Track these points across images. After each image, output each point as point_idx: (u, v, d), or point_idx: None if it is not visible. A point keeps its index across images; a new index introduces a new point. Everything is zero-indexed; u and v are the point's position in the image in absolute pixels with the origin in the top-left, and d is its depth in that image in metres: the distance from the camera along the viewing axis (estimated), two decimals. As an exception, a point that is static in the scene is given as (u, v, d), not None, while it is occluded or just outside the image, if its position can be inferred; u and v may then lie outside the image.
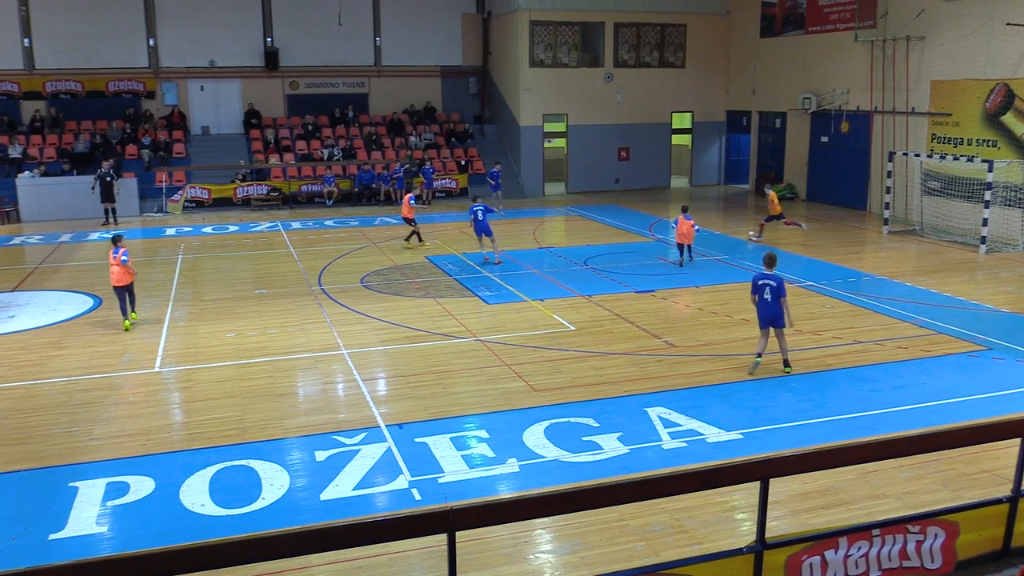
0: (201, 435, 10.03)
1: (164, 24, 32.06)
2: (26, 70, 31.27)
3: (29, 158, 29.62)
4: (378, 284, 17.71)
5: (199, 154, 31.70)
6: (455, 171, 32.35)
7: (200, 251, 21.99)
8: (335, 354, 13.01)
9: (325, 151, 31.92)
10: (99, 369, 12.51)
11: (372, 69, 34.33)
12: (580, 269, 19.05)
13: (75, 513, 8.17)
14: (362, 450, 9.46)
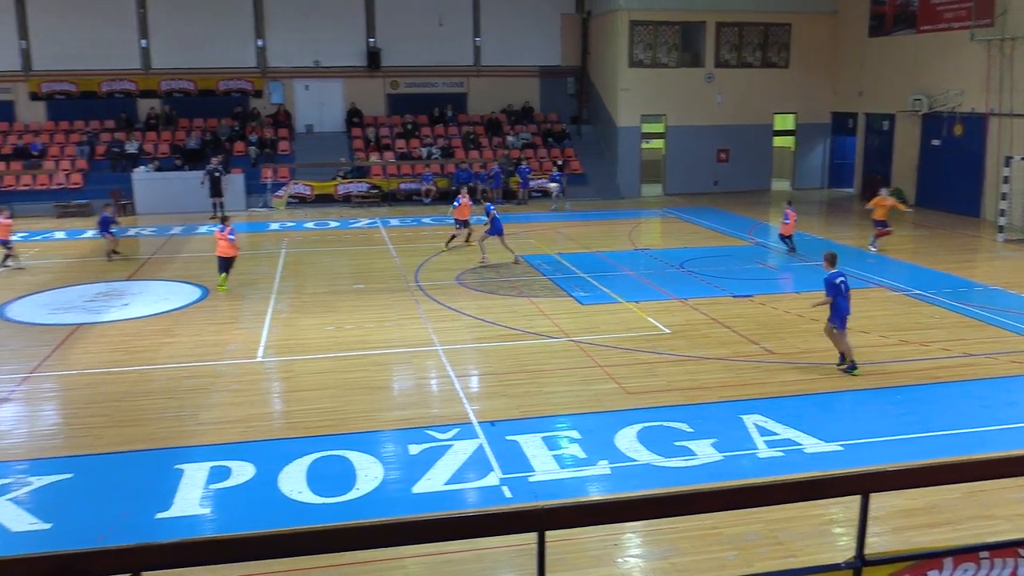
0: (299, 424, 10.32)
1: (272, 26, 33.10)
2: (143, 70, 32.73)
3: (144, 154, 31.00)
4: (473, 282, 17.87)
5: (303, 152, 32.60)
6: (551, 171, 32.37)
7: (302, 246, 22.62)
8: (430, 350, 13.19)
9: (424, 150, 32.40)
10: (205, 357, 13.00)
11: (471, 69, 34.65)
12: (676, 272, 18.82)
13: (180, 494, 8.52)
14: (454, 446, 9.56)
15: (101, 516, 8.09)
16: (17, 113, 32.45)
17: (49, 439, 10.17)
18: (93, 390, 11.67)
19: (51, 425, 10.72)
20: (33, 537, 7.74)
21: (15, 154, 30.57)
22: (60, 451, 9.71)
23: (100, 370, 12.49)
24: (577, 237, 23.34)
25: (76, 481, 8.89)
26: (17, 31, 31.68)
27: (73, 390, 11.80)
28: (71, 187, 29.86)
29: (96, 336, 14.36)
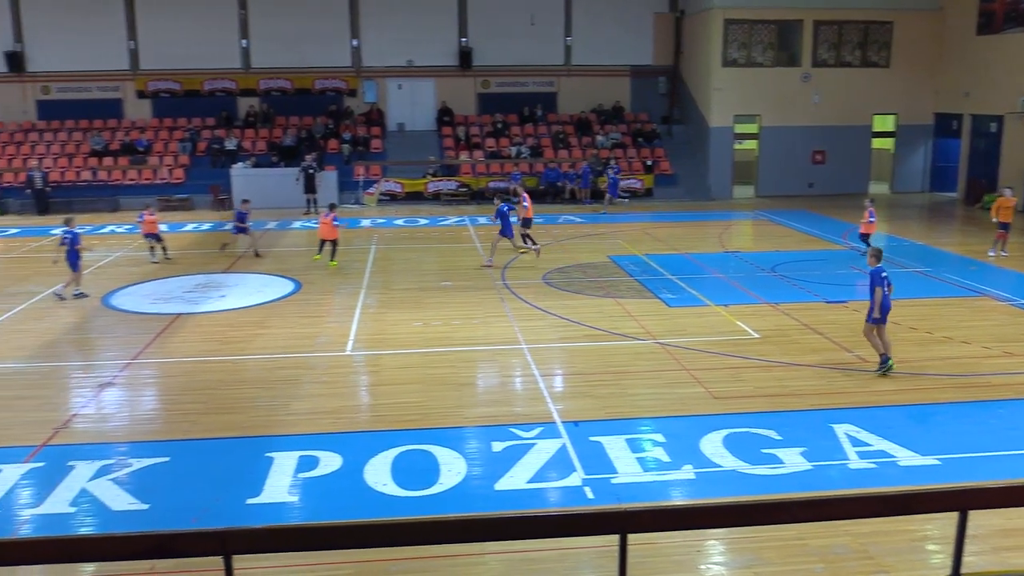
0: (386, 417, 10.49)
1: (367, 26, 33.74)
2: (243, 69, 33.80)
3: (242, 150, 32.03)
4: (560, 281, 17.87)
5: (394, 149, 33.14)
6: (641, 171, 32.11)
7: (392, 242, 22.99)
8: (515, 348, 13.24)
9: (513, 149, 32.54)
10: (297, 349, 13.34)
11: (562, 68, 34.64)
12: (767, 275, 18.44)
13: (270, 481, 8.76)
14: (537, 444, 9.58)
15: (195, 499, 8.38)
16: (125, 110, 33.93)
17: (148, 423, 10.59)
18: (190, 378, 12.11)
19: (150, 410, 11.16)
20: (131, 516, 8.08)
21: (122, 150, 31.99)
22: (158, 435, 10.10)
23: (197, 359, 12.95)
24: (665, 238, 23.09)
25: (172, 464, 9.23)
26: (126, 32, 33.12)
27: (171, 377, 12.26)
28: (173, 182, 31.07)
29: (194, 326, 14.89)
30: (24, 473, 9.01)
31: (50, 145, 32.58)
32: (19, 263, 21.18)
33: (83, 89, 33.61)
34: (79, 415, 10.75)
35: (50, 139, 32.88)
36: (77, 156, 31.97)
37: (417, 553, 7.14)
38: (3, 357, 13.08)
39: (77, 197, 30.05)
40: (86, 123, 33.39)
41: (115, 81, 33.64)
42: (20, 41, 32.98)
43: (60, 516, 8.11)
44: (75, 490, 8.57)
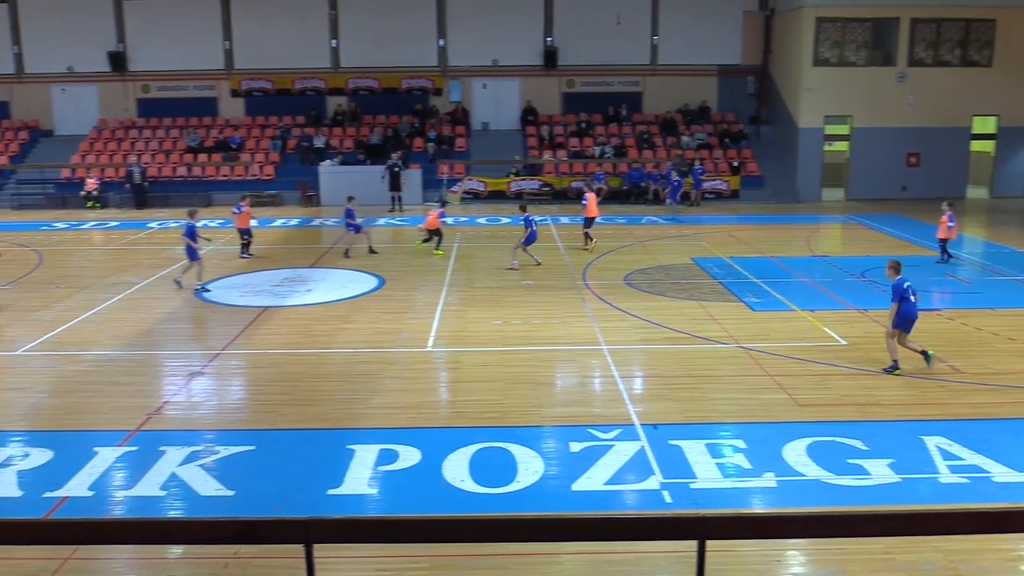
0: (465, 414, 10.57)
1: (453, 26, 34.07)
2: (332, 68, 34.51)
3: (330, 148, 32.72)
4: (641, 283, 17.72)
5: (478, 148, 33.37)
6: (727, 172, 31.60)
7: (474, 240, 23.15)
8: (595, 349, 13.18)
9: (597, 148, 32.41)
10: (379, 344, 13.55)
11: (647, 68, 34.35)
12: (856, 281, 17.93)
13: (350, 473, 8.91)
14: (616, 446, 9.51)
15: (278, 488, 8.59)
16: (219, 108, 35.04)
17: (235, 412, 10.90)
18: (276, 369, 12.41)
19: (237, 400, 11.49)
20: (218, 502, 8.32)
21: (216, 147, 33.05)
22: (245, 424, 10.39)
23: (282, 351, 13.27)
24: (751, 241, 22.67)
25: (257, 453, 9.48)
26: (222, 33, 34.18)
27: (258, 368, 12.59)
28: (264, 178, 31.95)
29: (280, 319, 15.27)
30: (118, 456, 9.37)
31: (148, 142, 33.86)
32: (118, 255, 22.06)
33: (180, 88, 34.84)
34: (171, 402, 11.13)
35: (149, 136, 34.18)
36: (174, 152, 33.15)
37: (493, 550, 7.17)
38: (101, 345, 13.64)
39: (173, 192, 31.21)
40: (183, 121, 34.64)
41: (211, 80, 34.77)
42: (123, 42, 34.37)
43: (151, 499, 8.41)
44: (165, 474, 8.88)
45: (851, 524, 5.55)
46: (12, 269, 19.68)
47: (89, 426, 10.30)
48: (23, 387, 11.78)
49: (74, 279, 18.62)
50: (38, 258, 21.19)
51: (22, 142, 34.51)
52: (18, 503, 8.34)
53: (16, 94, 35.28)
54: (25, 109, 35.37)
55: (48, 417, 10.69)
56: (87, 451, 9.45)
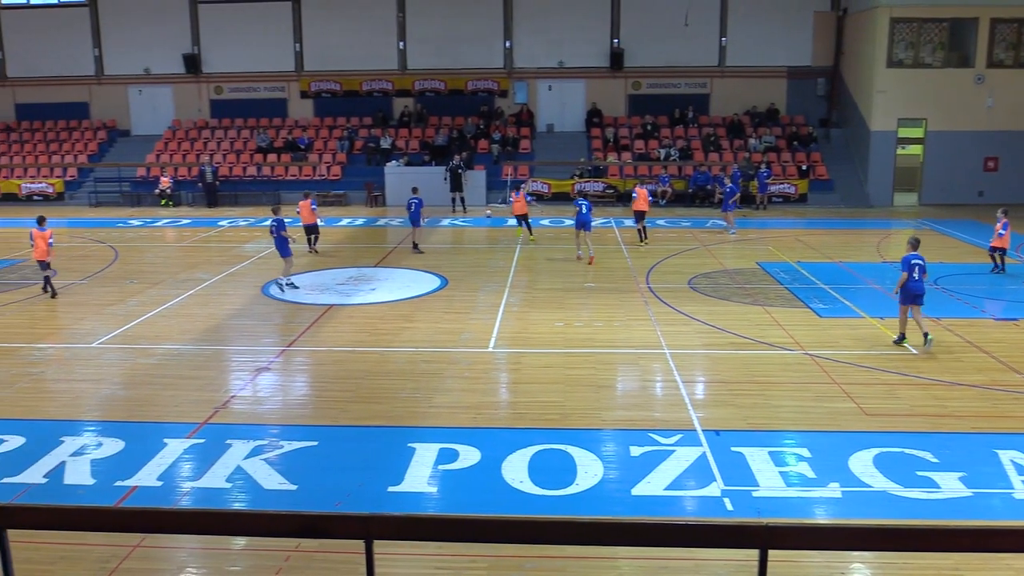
0: (525, 416, 10.58)
1: (519, 28, 34.14)
2: (399, 70, 34.88)
3: (396, 149, 33.08)
4: (705, 287, 17.51)
5: (543, 150, 33.37)
6: (795, 176, 31.04)
7: (537, 242, 23.14)
8: (657, 353, 13.07)
9: (662, 151, 32.15)
10: (441, 343, 13.64)
11: (715, 69, 33.95)
12: (929, 288, 17.40)
13: (411, 471, 8.99)
14: (676, 451, 9.42)
15: (340, 483, 8.71)
16: (289, 110, 35.69)
17: (299, 408, 11.09)
18: (339, 366, 12.59)
19: (301, 396, 11.68)
20: (281, 496, 8.48)
21: (285, 147, 33.68)
22: (308, 420, 10.56)
23: (346, 348, 13.45)
24: (818, 246, 22.24)
25: (320, 448, 9.63)
26: (292, 35, 34.81)
27: (322, 365, 12.79)
28: (331, 178, 32.45)
29: (345, 317, 15.48)
30: (186, 448, 9.61)
31: (220, 142, 34.68)
32: (189, 252, 22.64)
33: (252, 89, 35.61)
34: (237, 396, 11.37)
35: (221, 136, 35.01)
36: (244, 152, 33.89)
37: (551, 552, 7.16)
38: (172, 339, 14.01)
39: (243, 191, 31.90)
40: (253, 121, 35.38)
41: (281, 82, 35.45)
42: (197, 45, 35.25)
43: (216, 491, 8.60)
44: (231, 467, 9.08)
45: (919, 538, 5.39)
46: (89, 264, 20.35)
47: (159, 418, 10.59)
48: (98, 379, 12.17)
49: (147, 275, 19.17)
50: (114, 254, 21.86)
51: (100, 142, 35.66)
52: (91, 491, 8.61)
53: (95, 95, 36.46)
54: (104, 110, 36.54)
55: (121, 408, 11.02)
56: (157, 442, 9.72)
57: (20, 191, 33.17)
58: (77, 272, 19.46)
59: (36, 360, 12.98)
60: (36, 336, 14.34)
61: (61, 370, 12.56)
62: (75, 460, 9.30)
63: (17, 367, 12.64)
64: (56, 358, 13.11)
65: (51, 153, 35.15)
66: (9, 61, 36.41)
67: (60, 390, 11.76)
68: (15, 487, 8.66)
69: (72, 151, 35.15)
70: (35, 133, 36.33)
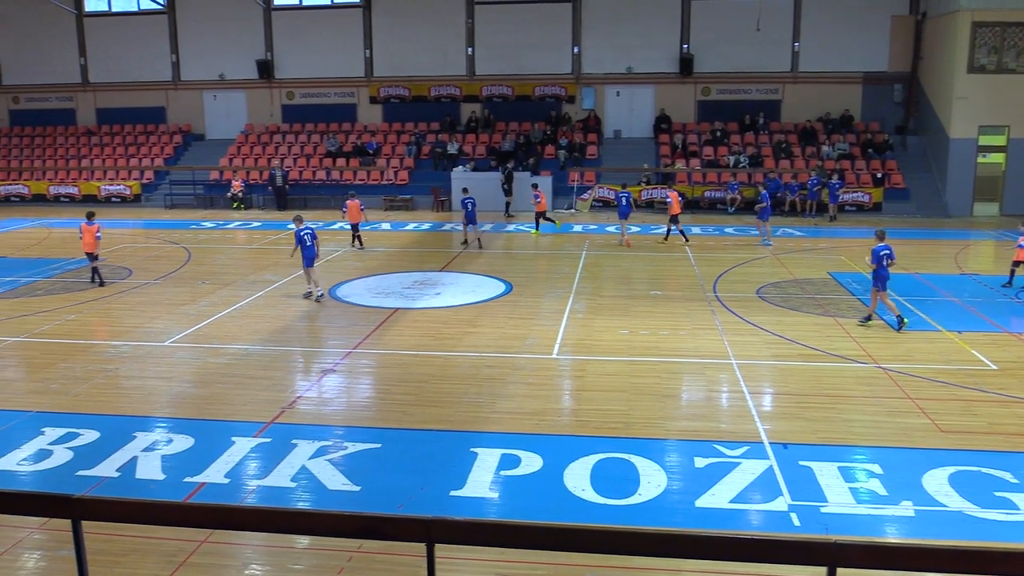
0: (588, 423, 10.53)
1: (588, 33, 34.09)
2: (467, 75, 35.14)
3: (463, 154, 33.30)
4: (775, 296, 17.22)
5: (610, 156, 33.26)
6: (869, 184, 30.34)
7: (602, 249, 23.07)
8: (723, 363, 12.89)
9: (731, 158, 31.75)
10: (504, 349, 13.67)
11: (787, 75, 33.41)
12: (1010, 302, 16.87)
13: (473, 476, 9.02)
14: (742, 464, 9.27)
15: (402, 486, 8.78)
16: (358, 115, 36.25)
17: (363, 410, 11.22)
18: (403, 370, 12.71)
19: (366, 398, 11.82)
20: (344, 496, 8.58)
21: (354, 151, 34.19)
22: (372, 422, 10.68)
23: (410, 352, 13.57)
24: (893, 256, 21.67)
25: (383, 451, 9.73)
26: (363, 41, 35.36)
27: (386, 368, 12.92)
28: (398, 183, 32.84)
29: (410, 320, 15.63)
30: (253, 447, 9.80)
31: (291, 146, 35.39)
32: (259, 254, 23.13)
33: (322, 95, 36.28)
34: (303, 397, 11.56)
35: (291, 141, 35.72)
36: (314, 157, 34.52)
37: (612, 562, 7.11)
38: (241, 339, 14.32)
39: (312, 195, 32.49)
40: (323, 126, 36.03)
41: (351, 87, 36.05)
42: (270, 51, 36.05)
43: (281, 489, 8.75)
44: (296, 467, 9.23)
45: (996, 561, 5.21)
46: (163, 265, 20.94)
47: (228, 416, 10.82)
48: (170, 376, 12.50)
49: (218, 276, 19.64)
50: (187, 255, 22.46)
51: (176, 145, 36.70)
52: (161, 485, 8.84)
53: (172, 100, 37.57)
54: (180, 114, 37.63)
55: (191, 406, 11.30)
56: (225, 440, 9.94)
57: (99, 192, 34.35)
58: (151, 272, 20.04)
59: (111, 357, 13.40)
60: (112, 334, 14.81)
61: (135, 367, 12.94)
62: (147, 455, 9.57)
63: (93, 363, 13.06)
64: (130, 355, 13.50)
65: (129, 156, 36.31)
66: (91, 67, 37.75)
67: (133, 386, 12.11)
68: (90, 479, 8.94)
69: (149, 154, 36.26)
70: (114, 136, 37.58)
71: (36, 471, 9.25)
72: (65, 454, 9.61)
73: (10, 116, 39.15)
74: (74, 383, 12.14)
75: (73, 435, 10.12)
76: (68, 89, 38.23)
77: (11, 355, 13.69)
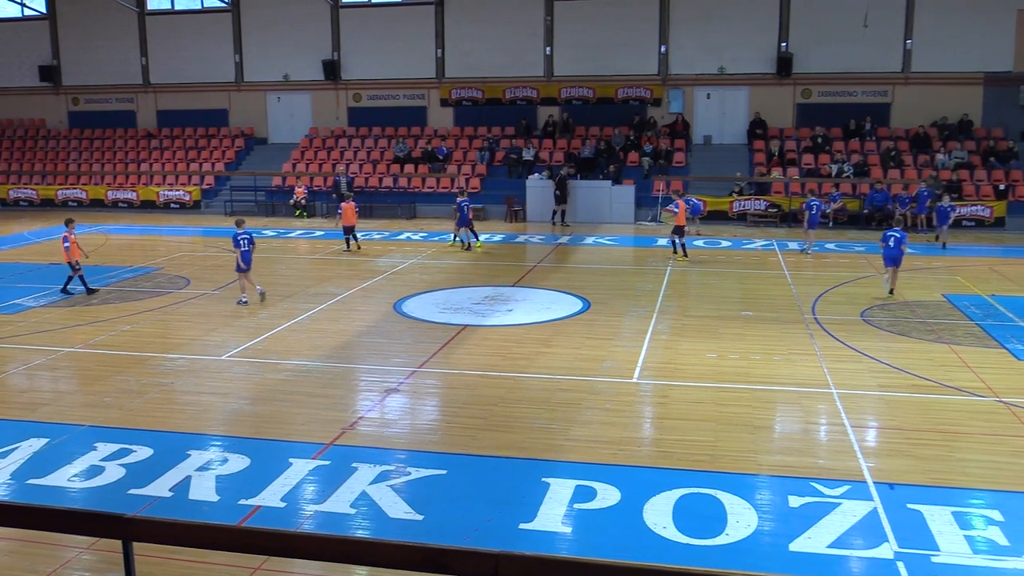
0: (671, 455, 10.40)
1: (677, 31, 33.94)
2: (545, 77, 35.31)
3: (539, 160, 33.41)
4: (882, 320, 16.80)
5: (698, 164, 32.99)
6: (990, 197, 29.44)
7: (689, 264, 22.84)
8: (823, 392, 12.62)
9: (833, 166, 31.19)
10: (580, 371, 13.61)
11: (898, 76, 32.70)
12: None
13: (544, 508, 8.97)
14: (843, 505, 9.03)
15: (468, 516, 8.79)
16: (428, 118, 36.72)
17: (428, 434, 11.29)
18: (471, 391, 12.76)
19: (431, 420, 11.89)
20: (406, 525, 8.63)
21: (423, 157, 34.59)
22: (437, 447, 10.73)
23: (479, 372, 13.62)
24: (1018, 277, 20.97)
25: (449, 478, 9.76)
26: (434, 41, 35.83)
27: (453, 389, 12.99)
28: (469, 191, 33.00)
29: (479, 339, 15.69)
30: (311, 469, 9.94)
31: (357, 151, 36.03)
32: (322, 265, 23.55)
33: (391, 96, 36.90)
34: (365, 418, 11.70)
35: (357, 145, 36.37)
36: (381, 162, 35.06)
37: (696, 608, 6.98)
38: (300, 355, 14.57)
39: (378, 203, 32.99)
40: (391, 130, 36.58)
41: (421, 89, 36.57)
42: (337, 50, 36.82)
43: (340, 516, 8.85)
44: (356, 492, 9.33)
45: None
46: (222, 275, 21.48)
47: (286, 436, 11.00)
48: (226, 392, 12.79)
49: (278, 287, 20.05)
50: (246, 265, 22.96)
51: (238, 149, 37.72)
52: (215, 507, 9.03)
53: (235, 102, 38.65)
54: (242, 117, 38.68)
55: (247, 424, 11.53)
56: (282, 461, 10.10)
57: (158, 198, 35.48)
58: (210, 282, 20.58)
59: (167, 370, 13.77)
60: (167, 346, 15.23)
61: (190, 381, 13.27)
62: (201, 475, 9.78)
63: (148, 376, 13.44)
64: (186, 369, 13.86)
65: (189, 161, 37.43)
66: (152, 67, 39.10)
67: (189, 402, 12.42)
68: (142, 499, 9.18)
69: (210, 159, 37.33)
70: (175, 140, 38.83)
71: (87, 488, 9.54)
72: (117, 471, 9.89)
73: (69, 118, 40.80)
74: (128, 397, 12.51)
75: (126, 451, 10.42)
76: (128, 90, 39.67)
77: (65, 366, 14.19)
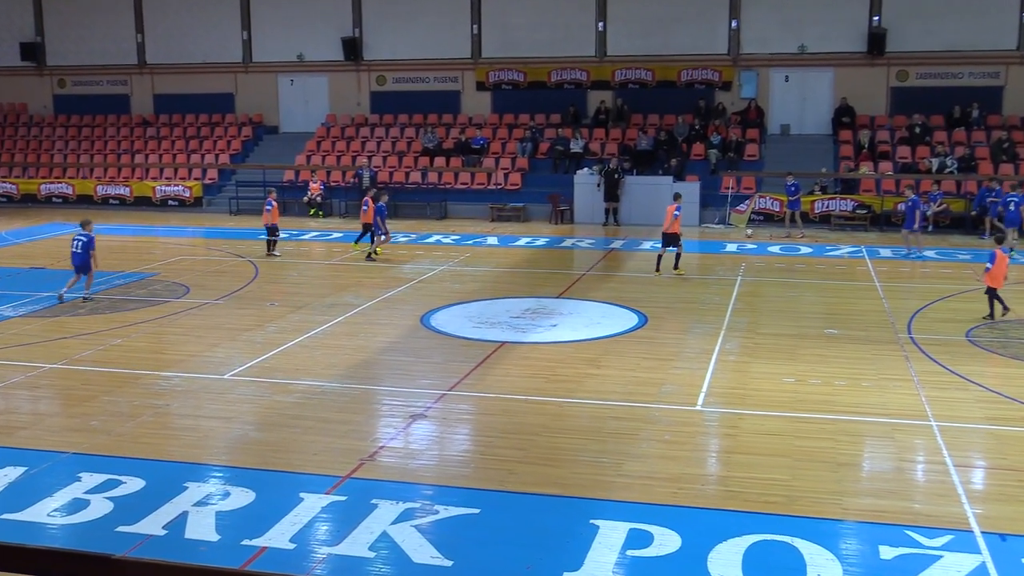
0: (740, 495, 10.32)
1: (749, 4, 33.84)
2: (597, 57, 35.33)
3: (590, 153, 33.38)
4: (991, 341, 16.58)
5: (774, 157, 32.77)
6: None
7: (763, 274, 22.72)
8: (920, 424, 12.47)
9: (934, 160, 30.83)
10: (635, 397, 13.56)
11: (1013, 54, 32.32)
12: None
13: (592, 554, 8.94)
14: (944, 558, 8.90)
15: (504, 563, 8.79)
16: (462, 104, 36.87)
17: (459, 467, 11.30)
18: (509, 418, 12.76)
19: (463, 451, 11.91)
20: (433, 572, 8.64)
21: (456, 148, 34.61)
22: (469, 482, 10.74)
23: (519, 396, 13.62)
24: None
25: (483, 518, 9.76)
26: (470, 15, 35.95)
27: (488, 415, 13.00)
28: (508, 188, 33.11)
29: (519, 357, 15.70)
30: (325, 506, 9.99)
31: (381, 142, 36.23)
32: (339, 271, 23.74)
33: (419, 80, 37.05)
34: (386, 447, 11.74)
35: (381, 135, 36.58)
36: (408, 154, 35.22)
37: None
38: (314, 374, 14.67)
39: (404, 201, 33.08)
40: (420, 118, 36.67)
41: (454, 71, 36.70)
42: (359, 27, 37.10)
43: (357, 560, 8.87)
44: (375, 533, 9.35)
45: None
46: (225, 282, 21.71)
47: (296, 467, 11.07)
48: (228, 416, 12.90)
49: (290, 297, 20.24)
50: (253, 271, 23.23)
51: (245, 139, 38.10)
52: (215, 548, 9.09)
53: (241, 85, 39.03)
54: (250, 102, 39.05)
55: (253, 453, 11.62)
56: (292, 496, 10.16)
57: (154, 194, 35.92)
58: (212, 290, 20.80)
59: (162, 391, 13.93)
60: (163, 363, 15.41)
61: (188, 403, 13.41)
62: (199, 510, 9.87)
63: (141, 398, 13.61)
64: (184, 389, 14.01)
65: (190, 152, 37.86)
66: (149, 46, 39.62)
67: (186, 427, 12.55)
68: (132, 537, 9.28)
69: (213, 149, 37.71)
70: (173, 128, 39.31)
71: (70, 524, 9.66)
72: (104, 505, 10.01)
73: (54, 102, 41.43)
74: (118, 420, 12.66)
75: (114, 483, 10.54)
76: (122, 71, 40.24)
77: (47, 385, 14.41)
